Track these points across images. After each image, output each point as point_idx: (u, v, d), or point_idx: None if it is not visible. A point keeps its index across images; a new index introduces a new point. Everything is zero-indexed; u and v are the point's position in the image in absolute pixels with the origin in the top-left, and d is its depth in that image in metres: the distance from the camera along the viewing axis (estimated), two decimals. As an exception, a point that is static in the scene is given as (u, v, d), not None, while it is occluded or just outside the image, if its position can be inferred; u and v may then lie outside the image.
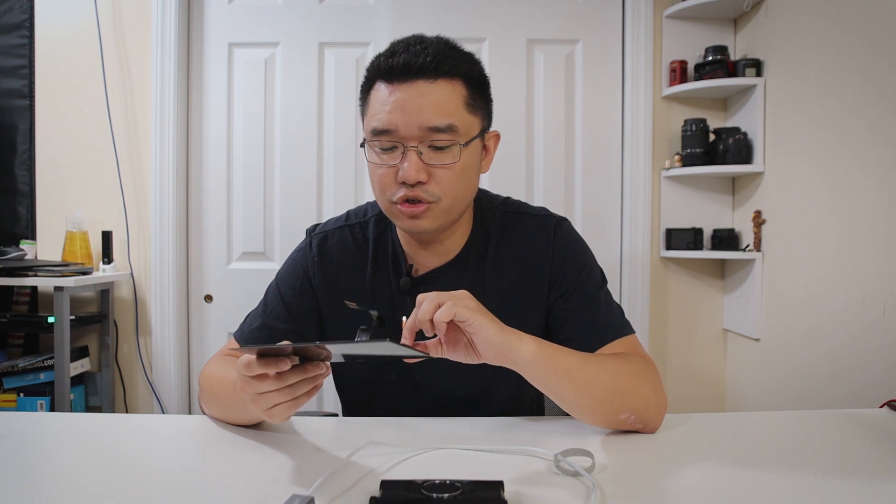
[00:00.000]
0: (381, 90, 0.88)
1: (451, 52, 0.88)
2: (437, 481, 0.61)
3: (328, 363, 0.69)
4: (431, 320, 0.72)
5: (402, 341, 0.74)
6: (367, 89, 0.92)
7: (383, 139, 0.87)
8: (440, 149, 0.87)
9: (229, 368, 0.85)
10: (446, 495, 0.59)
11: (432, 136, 0.86)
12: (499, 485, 0.62)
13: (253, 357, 0.66)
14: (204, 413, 0.94)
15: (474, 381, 1.00)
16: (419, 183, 0.87)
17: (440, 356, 0.78)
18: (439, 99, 0.85)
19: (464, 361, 0.77)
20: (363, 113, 0.93)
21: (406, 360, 0.82)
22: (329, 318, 1.02)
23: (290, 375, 0.66)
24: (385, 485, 0.62)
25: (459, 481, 0.61)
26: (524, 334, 0.79)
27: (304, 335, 1.00)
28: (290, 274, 1.03)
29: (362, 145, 0.93)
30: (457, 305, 0.72)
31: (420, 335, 0.76)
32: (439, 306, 0.72)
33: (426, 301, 0.73)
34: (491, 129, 0.96)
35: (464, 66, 0.88)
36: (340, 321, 1.01)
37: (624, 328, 0.95)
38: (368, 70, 0.91)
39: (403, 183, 0.87)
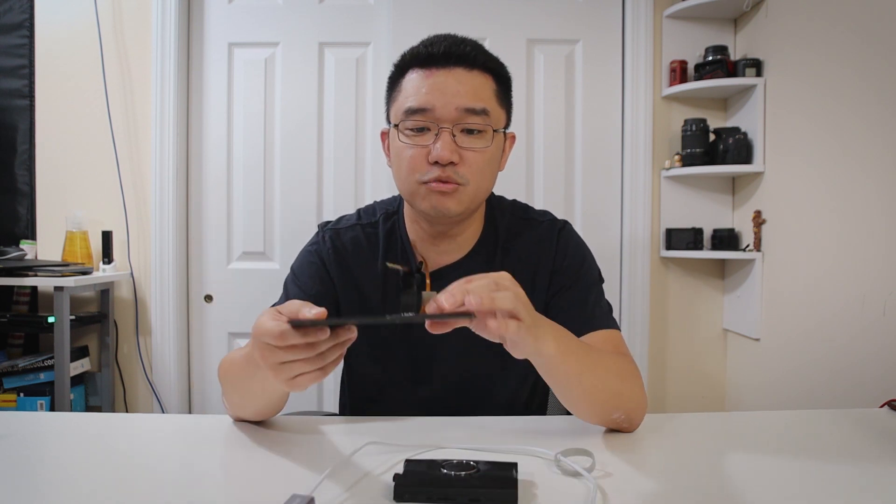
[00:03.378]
0: (416, 76, 0.91)
1: (484, 49, 0.94)
2: (454, 461, 0.66)
3: (354, 326, 0.66)
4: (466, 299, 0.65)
5: (443, 304, 0.65)
6: (397, 77, 0.94)
7: (418, 118, 0.89)
8: (472, 133, 0.90)
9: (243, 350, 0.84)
10: (463, 473, 0.64)
11: (467, 119, 0.89)
12: (512, 465, 0.66)
13: (287, 327, 0.61)
14: (228, 414, 0.91)
15: (478, 375, 1.01)
16: (450, 164, 0.89)
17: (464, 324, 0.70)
18: (475, 86, 0.90)
19: (481, 335, 0.71)
20: (391, 100, 0.95)
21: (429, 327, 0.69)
22: (346, 311, 1.02)
23: (319, 344, 0.63)
24: (408, 463, 0.67)
25: (475, 461, 0.66)
26: (548, 331, 0.75)
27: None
28: (306, 263, 1.04)
29: (389, 132, 0.95)
30: (519, 302, 0.68)
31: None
32: (496, 288, 0.67)
33: (484, 279, 0.68)
34: (509, 131, 1.00)
35: (495, 63, 0.95)
36: (356, 314, 1.01)
37: (608, 321, 0.98)
38: (401, 60, 0.94)
39: (435, 164, 0.89)
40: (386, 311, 1.01)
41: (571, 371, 0.79)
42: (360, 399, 1.09)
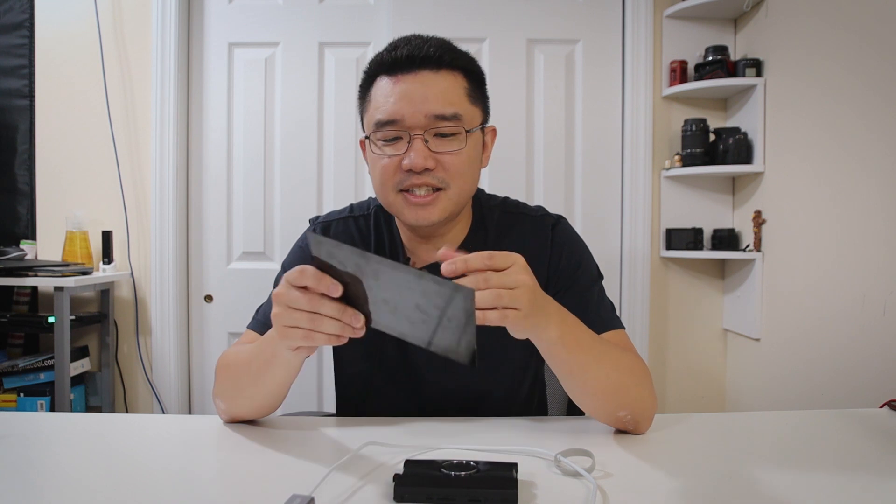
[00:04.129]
0: (383, 84, 0.89)
1: (450, 46, 0.91)
2: (454, 461, 0.66)
3: (364, 324, 0.67)
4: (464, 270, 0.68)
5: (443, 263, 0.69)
6: (367, 86, 0.93)
7: (388, 130, 0.88)
8: (446, 137, 0.88)
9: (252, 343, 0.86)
10: (463, 473, 0.64)
11: (438, 125, 0.87)
12: (512, 466, 0.66)
13: (310, 268, 0.66)
14: (218, 413, 0.91)
15: (472, 377, 1.00)
16: (426, 171, 0.87)
17: None
18: (444, 88, 0.87)
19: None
20: (363, 111, 0.94)
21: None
22: None
23: (324, 304, 0.66)
24: (408, 464, 0.67)
25: (475, 461, 0.66)
26: (552, 315, 0.75)
27: None
28: (296, 261, 1.02)
29: (365, 141, 0.93)
30: (519, 288, 0.69)
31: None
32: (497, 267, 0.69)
33: (486, 255, 0.71)
34: (488, 125, 0.97)
35: (463, 60, 0.91)
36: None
37: (613, 322, 0.96)
38: (368, 67, 0.92)
39: (409, 171, 0.87)
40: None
41: (574, 359, 0.78)
42: (351, 398, 1.07)
